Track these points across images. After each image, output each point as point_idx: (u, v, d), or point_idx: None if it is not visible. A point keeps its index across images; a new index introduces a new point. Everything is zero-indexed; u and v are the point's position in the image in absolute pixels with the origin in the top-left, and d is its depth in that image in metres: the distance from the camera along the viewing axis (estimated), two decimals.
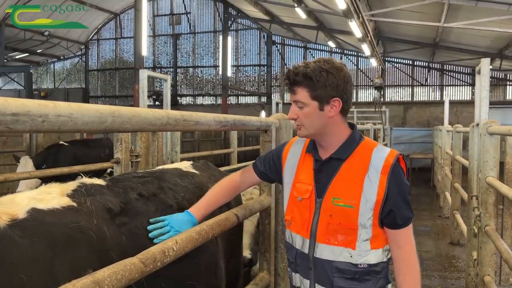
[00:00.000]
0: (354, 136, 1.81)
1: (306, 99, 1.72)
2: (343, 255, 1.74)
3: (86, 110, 1.08)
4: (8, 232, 1.29)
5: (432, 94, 21.03)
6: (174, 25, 24.51)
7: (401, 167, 1.74)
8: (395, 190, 1.70)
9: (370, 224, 1.71)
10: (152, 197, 1.89)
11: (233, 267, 2.46)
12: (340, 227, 1.73)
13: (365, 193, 1.70)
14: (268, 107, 20.93)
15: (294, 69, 1.74)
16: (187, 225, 1.87)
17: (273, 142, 2.53)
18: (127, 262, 1.25)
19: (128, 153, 3.42)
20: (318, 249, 1.78)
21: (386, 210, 1.70)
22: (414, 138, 17.70)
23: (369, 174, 1.71)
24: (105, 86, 26.16)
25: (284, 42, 23.14)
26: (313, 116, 1.73)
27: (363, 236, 1.72)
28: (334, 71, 1.70)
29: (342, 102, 1.72)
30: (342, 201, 1.73)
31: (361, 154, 1.76)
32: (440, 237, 7.46)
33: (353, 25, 10.29)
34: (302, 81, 1.71)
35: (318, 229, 1.78)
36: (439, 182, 10.76)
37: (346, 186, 1.74)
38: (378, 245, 1.75)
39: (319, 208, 1.79)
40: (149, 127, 1.38)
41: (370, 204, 1.69)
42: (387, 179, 1.69)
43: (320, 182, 1.81)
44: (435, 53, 18.52)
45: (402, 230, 1.73)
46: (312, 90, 1.71)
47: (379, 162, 1.71)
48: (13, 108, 0.86)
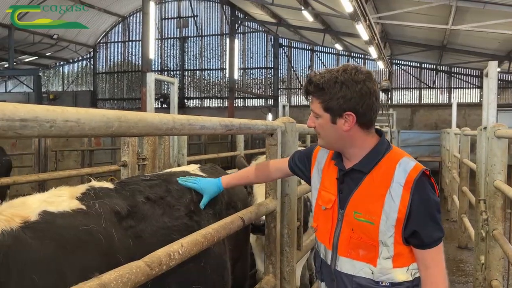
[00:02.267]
0: (379, 147, 1.70)
1: (319, 110, 1.67)
2: (364, 270, 1.67)
3: (93, 115, 1.09)
4: (21, 233, 1.32)
5: (440, 97, 20.88)
6: (182, 28, 24.60)
7: (427, 182, 1.62)
8: (420, 207, 1.58)
9: (391, 242, 1.61)
10: (159, 200, 1.91)
11: (239, 270, 2.47)
12: (361, 242, 1.66)
13: (386, 209, 1.60)
14: (275, 110, 20.91)
15: (310, 79, 1.67)
16: (211, 185, 2.11)
17: (278, 145, 2.54)
18: (133, 265, 1.26)
19: (135, 156, 3.44)
20: (339, 262, 1.73)
21: (410, 229, 1.59)
22: (422, 141, 17.58)
23: (391, 189, 1.60)
24: (113, 89, 26.31)
25: (291, 45, 23.14)
26: (327, 128, 1.67)
27: (384, 253, 1.63)
28: (350, 83, 1.60)
29: (357, 116, 1.62)
30: (363, 216, 1.65)
31: (386, 167, 1.65)
32: (448, 241, 7.40)
33: (360, 28, 10.27)
34: (314, 91, 1.66)
35: (339, 241, 1.72)
36: (446, 185, 10.69)
37: (367, 201, 1.65)
38: (403, 263, 1.64)
39: (341, 220, 1.73)
40: (155, 131, 1.40)
41: (391, 221, 1.59)
42: (410, 196, 1.57)
43: (343, 193, 1.74)
44: (442, 55, 18.42)
45: (429, 250, 1.62)
46: (324, 102, 1.64)
47: (402, 177, 1.60)
48: (22, 114, 0.88)
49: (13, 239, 1.28)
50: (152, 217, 1.83)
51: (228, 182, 2.19)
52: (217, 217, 2.16)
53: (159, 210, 1.88)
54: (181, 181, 2.14)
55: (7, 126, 0.85)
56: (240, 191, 2.69)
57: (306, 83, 1.70)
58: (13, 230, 1.30)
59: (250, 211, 2.18)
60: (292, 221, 2.66)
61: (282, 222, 2.59)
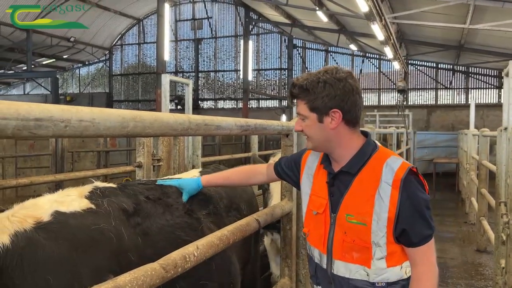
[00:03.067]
0: (365, 148, 1.72)
1: (305, 111, 1.70)
2: (359, 273, 1.68)
3: (108, 115, 1.08)
4: (34, 234, 1.31)
5: (457, 97, 20.58)
6: (196, 30, 24.73)
7: (415, 180, 1.63)
8: (408, 206, 1.59)
9: (384, 243, 1.62)
10: (158, 200, 1.95)
11: (249, 273, 2.44)
12: (354, 244, 1.67)
13: (377, 210, 1.61)
14: (288, 111, 20.87)
15: (294, 82, 1.72)
16: (190, 182, 2.16)
17: (294, 146, 2.51)
18: (148, 267, 1.25)
19: (150, 157, 3.45)
20: (335, 265, 1.73)
21: (399, 228, 1.60)
22: (438, 142, 17.35)
23: (380, 189, 1.62)
24: (128, 91, 26.58)
25: (305, 46, 23.06)
26: (314, 128, 1.70)
27: (377, 254, 1.64)
28: (333, 82, 1.64)
29: (342, 113, 1.65)
30: (355, 218, 1.66)
31: (373, 167, 1.67)
32: (466, 244, 7.27)
33: (375, 28, 10.17)
34: (299, 93, 1.70)
35: (334, 245, 1.73)
36: (464, 187, 10.52)
37: (358, 202, 1.66)
38: (396, 262, 1.66)
39: (333, 223, 1.73)
40: (171, 131, 1.38)
41: (382, 222, 1.60)
42: (399, 194, 1.59)
43: (334, 196, 1.75)
44: (460, 55, 18.15)
45: (418, 248, 1.63)
46: (310, 102, 1.67)
47: (389, 176, 1.61)
48: (36, 113, 0.87)
49: (27, 240, 1.28)
50: (155, 215, 1.85)
51: (208, 181, 2.22)
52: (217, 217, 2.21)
53: (160, 209, 1.91)
54: (160, 181, 2.18)
55: (21, 125, 0.84)
56: (243, 192, 2.67)
57: (290, 87, 1.74)
58: (27, 231, 1.30)
59: (266, 212, 2.16)
60: None
61: (298, 224, 2.56)
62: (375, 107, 19.38)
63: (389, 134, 9.23)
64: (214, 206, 2.26)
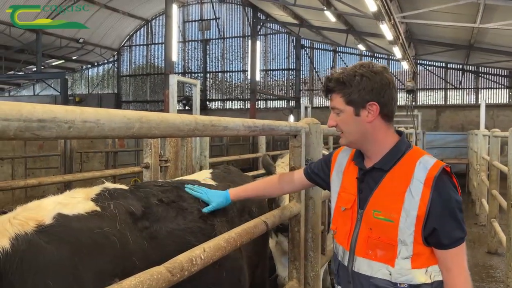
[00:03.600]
0: (400, 145, 1.70)
1: (341, 104, 1.68)
2: (381, 271, 1.64)
3: (113, 116, 1.06)
4: (35, 238, 1.29)
5: (467, 97, 20.38)
6: (204, 31, 24.77)
7: (448, 180, 1.61)
8: (440, 205, 1.56)
9: (411, 241, 1.58)
10: (172, 203, 1.90)
11: (259, 275, 2.42)
12: (379, 241, 1.64)
13: (406, 207, 1.58)
14: (296, 111, 20.81)
15: (329, 76, 1.70)
16: (219, 195, 2.09)
17: (302, 147, 2.47)
18: (154, 271, 1.23)
19: (157, 158, 3.44)
20: (357, 263, 1.71)
21: (429, 227, 1.57)
22: (448, 142, 17.17)
23: (411, 187, 1.59)
24: (136, 91, 26.69)
25: (313, 46, 22.99)
26: (350, 122, 1.68)
27: (402, 253, 1.60)
28: (370, 75, 1.64)
29: (380, 106, 1.64)
30: (382, 214, 1.63)
31: (406, 165, 1.65)
32: (476, 246, 7.18)
33: (384, 28, 10.08)
34: (335, 86, 1.68)
35: (358, 241, 1.71)
36: (474, 188, 10.40)
37: (387, 198, 1.64)
38: (421, 264, 1.61)
39: (360, 220, 1.71)
40: (177, 132, 1.36)
41: (411, 219, 1.57)
42: (430, 193, 1.56)
43: (363, 193, 1.73)
44: (469, 55, 17.95)
45: (449, 251, 1.58)
46: (346, 95, 1.66)
47: (422, 174, 1.59)
48: (40, 114, 0.85)
49: (28, 244, 1.26)
50: (166, 218, 1.81)
51: (236, 194, 2.17)
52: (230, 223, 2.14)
53: (172, 212, 1.87)
54: (188, 189, 2.11)
55: (24, 127, 0.82)
56: None
57: (326, 81, 1.72)
58: (28, 234, 1.28)
59: (274, 214, 2.13)
60: (317, 225, 2.60)
61: (306, 226, 2.53)
62: None
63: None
64: (228, 211, 2.22)
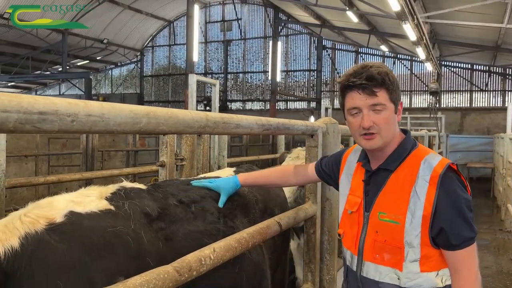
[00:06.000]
0: (405, 145, 1.65)
1: (387, 101, 1.59)
2: (389, 276, 1.58)
3: (119, 111, 1.03)
4: (45, 236, 1.27)
5: (493, 100, 19.84)
6: (225, 32, 24.85)
7: (455, 177, 1.54)
8: (447, 203, 1.49)
9: (418, 243, 1.52)
10: (192, 204, 1.85)
11: (278, 279, 2.37)
12: (385, 244, 1.58)
13: (411, 207, 1.52)
14: (317, 113, 20.65)
15: (374, 69, 1.56)
16: (228, 182, 2.05)
17: (319, 147, 2.42)
18: (160, 270, 1.20)
19: (173, 156, 3.42)
20: (365, 267, 1.65)
21: (436, 227, 1.50)
22: (472, 146, 16.78)
23: (416, 186, 1.53)
24: (158, 92, 26.97)
25: (334, 47, 22.78)
26: (391, 121, 1.61)
27: (410, 256, 1.53)
28: (393, 74, 1.63)
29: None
30: (387, 216, 1.57)
31: (411, 164, 1.59)
32: (501, 253, 6.96)
33: (407, 28, 9.89)
34: (383, 81, 1.57)
35: (365, 245, 1.65)
36: (500, 193, 10.10)
37: (392, 199, 1.58)
38: (431, 267, 1.54)
39: (366, 223, 1.65)
40: (187, 129, 1.32)
41: (417, 220, 1.51)
42: (436, 191, 1.49)
43: (369, 195, 1.67)
44: (496, 56, 17.47)
45: (458, 252, 1.51)
46: (391, 92, 1.59)
47: (427, 172, 1.53)
48: (41, 107, 0.83)
49: (37, 243, 1.24)
50: (184, 219, 1.76)
51: (246, 179, 2.12)
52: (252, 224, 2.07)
53: (192, 213, 1.82)
54: (195, 183, 2.07)
55: (24, 119, 0.80)
56: (277, 195, 2.57)
57: (375, 74, 1.55)
58: (38, 233, 1.26)
59: (288, 215, 2.08)
60: (333, 227, 2.53)
61: (322, 228, 2.47)
62: (406, 109, 18.87)
63: (420, 137, 8.97)
64: (250, 212, 2.16)
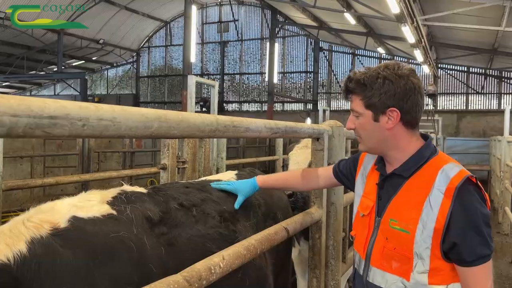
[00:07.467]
0: (423, 152, 1.57)
1: (360, 107, 1.57)
2: (396, 284, 1.53)
3: (131, 114, 0.99)
4: (51, 242, 1.24)
5: (489, 103, 19.92)
6: (222, 33, 24.82)
7: (473, 190, 1.46)
8: (462, 217, 1.42)
9: (427, 255, 1.47)
10: (193, 207, 1.82)
11: (281, 284, 2.33)
12: (394, 252, 1.53)
13: (423, 218, 1.46)
14: (313, 114, 20.65)
15: (350, 76, 1.60)
16: (246, 184, 2.04)
17: (325, 150, 2.38)
18: (170, 280, 1.15)
19: (175, 159, 3.38)
20: (371, 273, 1.61)
21: (449, 242, 1.44)
22: (469, 148, 16.81)
23: (431, 196, 1.47)
24: (154, 92, 26.87)
25: (331, 49, 22.79)
26: (368, 127, 1.57)
27: (418, 267, 1.49)
28: (393, 78, 1.51)
29: (401, 113, 1.52)
30: (398, 224, 1.53)
31: (427, 173, 1.52)
32: (499, 256, 6.95)
33: (406, 30, 9.90)
34: (355, 88, 1.57)
35: (373, 250, 1.61)
36: (497, 196, 10.11)
37: (405, 207, 1.53)
38: (440, 281, 1.48)
39: (377, 228, 1.61)
40: (198, 133, 1.28)
41: (428, 232, 1.45)
42: (451, 204, 1.43)
43: (382, 199, 1.62)
44: (493, 59, 17.54)
45: (472, 268, 1.44)
46: (366, 98, 1.54)
47: (443, 183, 1.46)
48: (51, 111, 0.78)
49: (44, 248, 1.20)
50: (185, 224, 1.73)
51: (264, 182, 2.09)
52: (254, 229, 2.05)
53: (193, 217, 1.79)
54: (214, 185, 2.08)
55: (34, 123, 0.75)
56: (279, 199, 2.53)
57: (346, 81, 1.61)
58: (43, 238, 1.22)
59: (295, 220, 2.04)
60: (338, 232, 2.50)
61: (328, 233, 2.43)
62: None
63: None
64: (253, 216, 2.13)
